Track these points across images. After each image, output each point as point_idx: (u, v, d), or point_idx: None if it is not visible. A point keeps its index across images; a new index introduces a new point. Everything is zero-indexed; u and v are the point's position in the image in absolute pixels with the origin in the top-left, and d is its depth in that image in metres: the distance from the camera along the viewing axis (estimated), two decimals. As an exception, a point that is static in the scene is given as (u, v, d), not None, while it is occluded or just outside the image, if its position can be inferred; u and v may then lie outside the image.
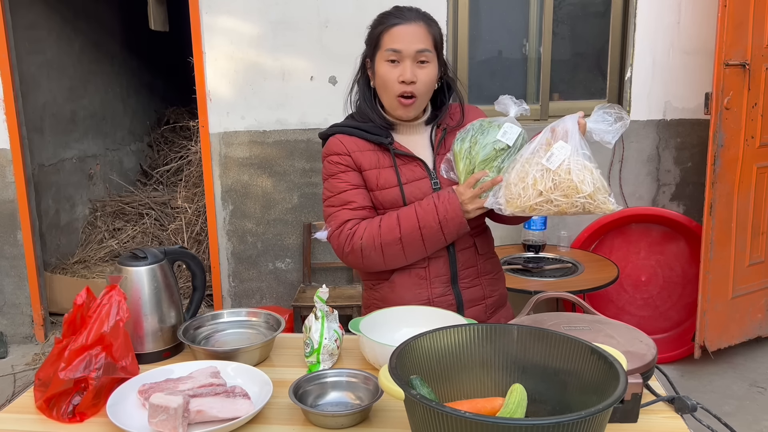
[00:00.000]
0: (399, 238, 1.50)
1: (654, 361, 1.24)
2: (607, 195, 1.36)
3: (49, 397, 1.25)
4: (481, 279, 1.66)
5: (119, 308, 1.31)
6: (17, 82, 3.67)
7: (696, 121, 3.43)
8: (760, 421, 2.83)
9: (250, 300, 3.77)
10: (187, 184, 4.84)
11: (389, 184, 1.57)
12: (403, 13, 1.53)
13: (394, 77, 1.51)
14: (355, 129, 1.59)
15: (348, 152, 1.57)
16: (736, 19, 2.91)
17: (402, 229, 1.50)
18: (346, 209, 1.56)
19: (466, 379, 1.15)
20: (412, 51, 1.49)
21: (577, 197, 1.34)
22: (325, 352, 1.40)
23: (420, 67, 1.51)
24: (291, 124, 3.57)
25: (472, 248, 1.63)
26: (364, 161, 1.57)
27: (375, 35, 1.55)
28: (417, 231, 1.49)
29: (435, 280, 1.61)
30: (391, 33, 1.51)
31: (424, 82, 1.52)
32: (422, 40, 1.50)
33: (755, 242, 3.29)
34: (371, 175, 1.57)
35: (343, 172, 1.58)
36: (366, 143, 1.58)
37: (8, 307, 3.87)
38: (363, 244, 1.52)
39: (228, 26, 3.47)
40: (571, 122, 1.40)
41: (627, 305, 3.55)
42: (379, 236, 1.51)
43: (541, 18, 3.54)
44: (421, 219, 1.49)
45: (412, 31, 1.50)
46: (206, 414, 1.17)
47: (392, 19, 1.52)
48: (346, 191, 1.57)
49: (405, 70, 1.50)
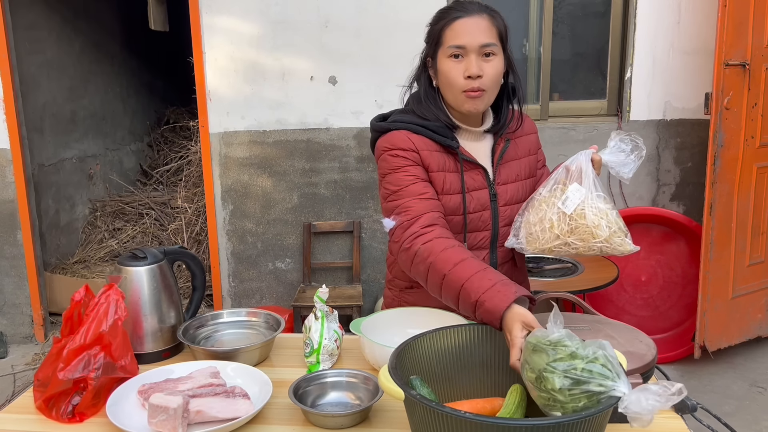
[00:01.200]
0: (444, 275, 1.33)
1: (654, 361, 1.23)
2: (624, 236, 1.34)
3: (48, 397, 1.25)
4: None
5: (117, 307, 1.31)
6: (17, 82, 3.67)
7: (696, 121, 3.43)
8: (760, 421, 2.83)
9: (250, 300, 3.77)
10: (187, 184, 4.84)
11: (453, 189, 1.49)
12: (465, 7, 1.44)
13: (459, 73, 1.43)
14: (423, 128, 1.48)
15: (416, 149, 1.46)
16: (736, 19, 2.91)
17: (452, 273, 1.31)
18: (418, 199, 1.43)
19: (466, 379, 1.15)
20: (476, 45, 1.41)
21: (594, 242, 1.33)
22: (324, 353, 1.40)
23: (485, 60, 1.42)
24: (291, 124, 3.57)
25: (511, 262, 1.62)
26: (432, 162, 1.47)
27: (436, 31, 1.46)
28: (458, 286, 1.29)
29: None
30: (454, 27, 1.42)
31: (490, 75, 1.43)
32: (486, 33, 1.42)
33: (755, 242, 3.29)
34: (438, 178, 1.47)
35: (412, 166, 1.46)
36: (433, 144, 1.48)
37: (8, 307, 3.87)
38: (420, 251, 1.37)
39: (228, 26, 3.46)
40: (585, 160, 1.36)
41: (627, 305, 3.55)
42: (437, 257, 1.34)
43: (541, 18, 3.54)
44: (471, 281, 1.27)
45: (475, 24, 1.42)
46: (206, 414, 1.17)
47: (453, 13, 1.44)
48: (414, 183, 1.45)
49: (470, 65, 1.41)
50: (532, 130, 1.64)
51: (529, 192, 1.57)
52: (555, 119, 3.57)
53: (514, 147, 1.57)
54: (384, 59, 3.44)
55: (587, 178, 1.35)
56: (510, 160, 1.56)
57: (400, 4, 3.38)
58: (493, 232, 1.54)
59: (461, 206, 1.49)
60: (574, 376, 0.90)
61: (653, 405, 0.86)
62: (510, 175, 1.55)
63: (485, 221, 1.52)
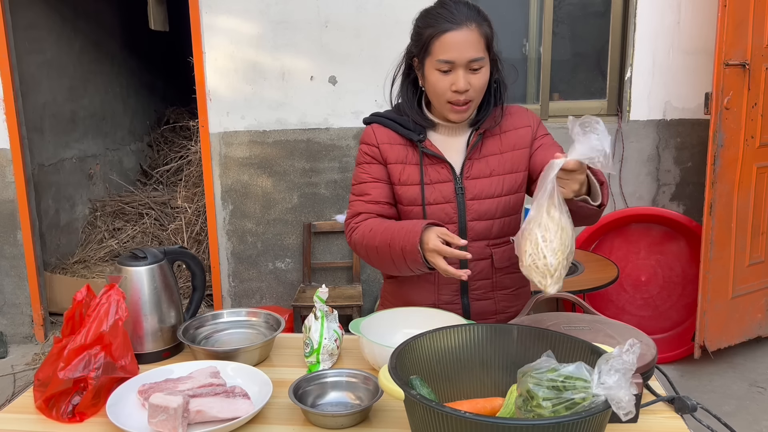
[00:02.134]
0: (375, 247, 1.48)
1: (654, 361, 1.23)
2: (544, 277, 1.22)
3: (48, 397, 1.25)
4: (496, 293, 1.60)
5: (118, 307, 1.31)
6: (17, 82, 3.67)
7: (696, 121, 3.43)
8: (760, 421, 2.83)
9: (250, 300, 3.77)
10: (187, 184, 4.84)
11: (411, 181, 1.55)
12: (454, 15, 1.42)
13: (446, 85, 1.45)
14: (391, 121, 1.57)
15: (377, 143, 1.57)
16: (736, 19, 2.91)
17: (379, 240, 1.47)
18: (361, 201, 1.58)
19: (466, 379, 1.15)
20: (464, 60, 1.43)
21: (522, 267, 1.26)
22: (324, 352, 1.40)
23: (473, 73, 1.45)
24: (291, 124, 3.57)
25: (488, 260, 1.57)
26: (391, 154, 1.56)
27: (424, 40, 1.46)
28: (387, 247, 1.45)
29: (444, 286, 1.58)
30: (443, 41, 1.42)
31: (477, 87, 1.46)
32: (475, 46, 1.43)
33: (755, 242, 3.29)
34: (395, 169, 1.56)
35: (368, 164, 1.58)
36: (398, 137, 1.57)
37: (8, 307, 3.86)
38: (356, 239, 1.54)
39: (228, 26, 3.46)
40: (544, 175, 1.24)
41: (627, 305, 3.55)
42: (365, 238, 1.51)
43: (541, 18, 3.54)
44: (392, 238, 1.44)
45: (464, 38, 1.42)
46: (206, 414, 1.17)
47: (443, 23, 1.43)
48: (365, 182, 1.58)
49: (458, 80, 1.44)
50: (523, 123, 1.59)
51: (510, 187, 1.55)
52: (555, 119, 3.57)
53: (495, 142, 1.56)
54: (384, 59, 3.41)
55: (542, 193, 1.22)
56: (489, 155, 1.55)
57: (400, 4, 3.38)
58: (460, 225, 1.55)
59: (419, 197, 1.54)
60: (555, 385, 0.92)
61: (622, 380, 0.88)
62: (484, 170, 1.54)
63: (449, 214, 1.54)
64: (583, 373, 0.91)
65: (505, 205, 1.55)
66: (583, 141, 1.21)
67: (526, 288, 1.67)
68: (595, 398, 0.89)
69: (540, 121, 1.63)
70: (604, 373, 0.89)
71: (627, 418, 0.86)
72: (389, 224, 1.49)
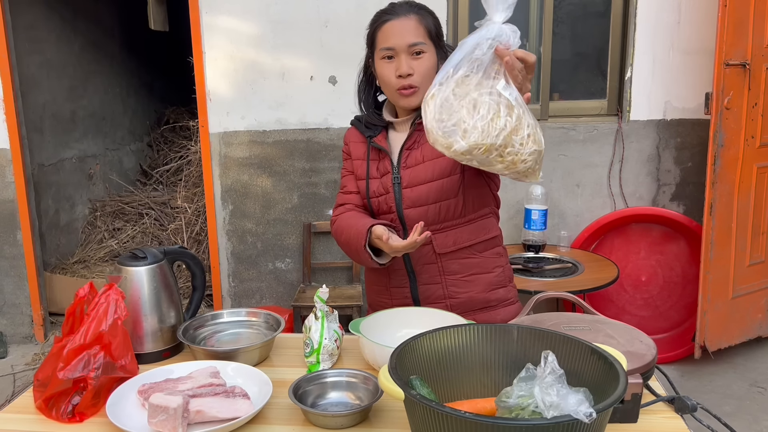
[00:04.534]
0: (346, 241, 1.62)
1: (654, 361, 1.23)
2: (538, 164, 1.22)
3: (48, 397, 1.25)
4: (444, 278, 1.62)
5: (117, 307, 1.31)
6: (17, 82, 3.67)
7: (696, 121, 3.43)
8: (760, 421, 2.83)
9: (249, 300, 3.77)
10: (187, 184, 4.84)
11: (362, 176, 1.68)
12: (395, 9, 1.55)
13: (392, 72, 1.54)
14: (357, 121, 1.73)
15: (347, 142, 1.74)
16: (736, 19, 2.91)
17: (344, 237, 1.62)
18: (341, 193, 1.75)
19: (466, 379, 1.15)
20: (404, 45, 1.51)
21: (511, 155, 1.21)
22: (324, 352, 1.40)
23: (415, 58, 1.52)
24: (291, 124, 3.56)
25: (428, 245, 1.60)
26: (354, 151, 1.71)
27: (370, 35, 1.60)
28: (347, 246, 1.61)
29: (393, 271, 1.66)
30: (383, 30, 1.54)
31: (420, 72, 1.53)
32: (414, 32, 1.52)
33: (755, 242, 3.29)
34: (357, 165, 1.70)
35: (345, 159, 1.75)
36: (361, 135, 1.71)
37: (8, 307, 3.86)
38: (333, 231, 1.69)
39: (228, 26, 3.46)
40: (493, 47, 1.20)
41: (627, 305, 3.55)
42: (336, 234, 1.67)
43: (541, 18, 3.54)
44: (348, 238, 1.59)
45: (402, 25, 1.52)
46: (206, 414, 1.17)
47: (383, 16, 1.55)
48: (344, 176, 1.75)
49: (400, 64, 1.52)
50: None
51: (442, 170, 1.58)
52: (555, 119, 3.57)
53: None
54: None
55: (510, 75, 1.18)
56: (423, 143, 1.59)
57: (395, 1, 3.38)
58: (398, 214, 1.61)
59: (366, 190, 1.67)
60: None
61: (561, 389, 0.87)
62: (418, 158, 1.60)
63: (389, 204, 1.62)
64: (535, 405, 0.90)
65: (438, 189, 1.57)
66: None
67: (484, 275, 1.64)
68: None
69: None
70: (545, 396, 0.88)
71: (590, 419, 0.84)
72: (349, 222, 1.63)
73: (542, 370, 0.91)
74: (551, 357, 0.92)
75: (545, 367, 0.91)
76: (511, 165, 1.24)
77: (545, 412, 0.86)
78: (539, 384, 0.89)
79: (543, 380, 0.90)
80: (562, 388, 0.88)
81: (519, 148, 1.22)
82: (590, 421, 0.83)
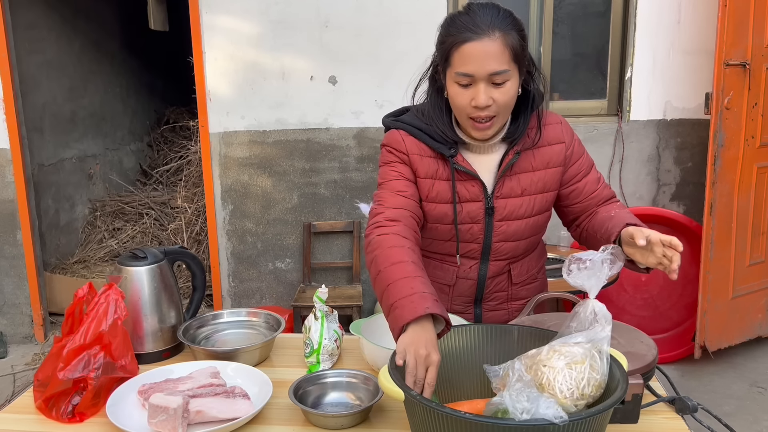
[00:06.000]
0: (379, 271, 1.27)
1: (654, 361, 1.23)
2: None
3: (48, 397, 1.25)
4: (510, 305, 1.58)
5: (117, 306, 1.31)
6: (17, 82, 3.67)
7: (696, 121, 3.43)
8: (760, 421, 2.82)
9: (250, 300, 3.77)
10: (187, 184, 4.84)
11: (442, 198, 1.44)
12: (477, 24, 1.28)
13: (467, 100, 1.32)
14: (421, 132, 1.43)
15: (407, 152, 1.44)
16: (736, 19, 2.90)
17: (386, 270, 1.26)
18: (395, 194, 1.42)
19: (466, 379, 1.15)
20: (484, 74, 1.29)
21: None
22: (324, 353, 1.40)
23: (496, 87, 1.30)
24: (291, 124, 3.56)
25: (505, 275, 1.54)
26: (421, 167, 1.43)
27: (445, 49, 1.33)
28: (386, 284, 1.23)
29: (457, 297, 1.56)
30: (462, 52, 1.29)
31: (501, 103, 1.32)
32: (497, 58, 1.28)
33: (755, 242, 3.29)
34: (425, 184, 1.44)
35: (400, 163, 1.45)
36: (428, 149, 1.43)
37: (8, 307, 3.86)
38: (374, 241, 1.33)
39: (228, 26, 3.46)
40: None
41: (627, 305, 3.55)
42: (379, 251, 1.30)
43: (541, 18, 3.54)
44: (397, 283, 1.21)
45: (485, 49, 1.27)
46: (206, 414, 1.17)
47: (463, 31, 1.29)
48: (397, 180, 1.44)
49: (478, 95, 1.30)
50: (557, 140, 1.47)
51: (540, 207, 1.46)
52: (555, 119, 3.57)
53: (528, 158, 1.44)
54: (384, 59, 3.44)
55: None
56: (521, 173, 1.44)
57: (400, 4, 3.38)
58: (485, 245, 1.48)
59: (449, 215, 1.44)
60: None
61: (531, 392, 0.88)
62: (515, 189, 1.44)
63: (474, 234, 1.46)
64: (512, 413, 0.89)
65: (533, 225, 1.48)
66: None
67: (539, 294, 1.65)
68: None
69: (574, 137, 1.51)
70: (516, 402, 0.88)
71: (561, 421, 0.85)
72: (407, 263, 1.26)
73: (511, 378, 0.93)
74: (518, 364, 0.94)
75: (513, 374, 0.93)
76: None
77: (518, 417, 0.87)
78: (509, 391, 0.90)
79: (512, 387, 0.91)
80: (532, 393, 0.89)
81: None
82: (561, 423, 0.84)
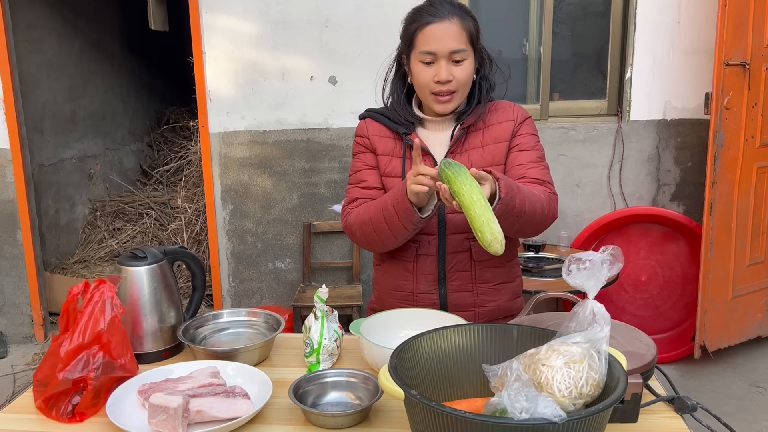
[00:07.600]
0: (370, 218, 1.53)
1: (654, 361, 1.23)
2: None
3: (48, 397, 1.24)
4: (476, 286, 1.62)
5: (112, 303, 1.31)
6: (17, 82, 3.67)
7: (696, 121, 3.43)
8: (760, 421, 2.83)
9: (250, 300, 3.77)
10: (187, 184, 4.84)
11: (395, 173, 1.60)
12: (437, 9, 1.49)
13: (429, 77, 1.51)
14: (381, 115, 1.65)
15: (368, 135, 1.64)
16: (736, 19, 2.91)
17: (373, 210, 1.52)
18: (358, 187, 1.64)
19: (466, 379, 1.15)
20: (446, 51, 1.48)
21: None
22: (324, 352, 1.40)
23: (455, 65, 1.50)
24: (291, 124, 3.56)
25: (466, 252, 1.59)
26: (379, 146, 1.63)
27: (409, 33, 1.54)
28: (381, 212, 1.49)
29: (421, 276, 1.61)
30: (425, 33, 1.49)
31: (460, 79, 1.51)
32: (456, 38, 1.48)
33: (755, 242, 3.29)
34: (383, 161, 1.62)
35: (362, 153, 1.66)
36: (387, 130, 1.63)
37: (8, 307, 3.86)
38: (351, 220, 1.59)
39: (228, 26, 3.46)
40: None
41: (627, 305, 3.55)
42: (360, 215, 1.56)
43: (541, 18, 3.54)
44: (385, 201, 1.49)
45: (445, 30, 1.48)
46: (206, 414, 1.17)
47: (425, 16, 1.50)
48: (361, 171, 1.65)
49: (440, 71, 1.49)
50: (507, 117, 1.60)
51: None
52: (555, 119, 3.57)
53: (478, 136, 1.59)
54: (384, 59, 3.43)
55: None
56: (471, 149, 1.58)
57: (400, 4, 3.36)
58: (439, 218, 1.57)
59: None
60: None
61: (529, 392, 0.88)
62: (464, 163, 1.51)
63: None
64: (511, 413, 0.89)
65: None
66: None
67: (509, 284, 1.66)
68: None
69: (526, 117, 1.63)
70: (514, 401, 0.88)
71: (560, 420, 0.84)
72: (369, 204, 1.56)
73: (509, 378, 0.93)
74: (516, 364, 0.95)
75: (511, 374, 0.93)
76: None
77: (516, 417, 0.87)
78: (507, 391, 0.90)
79: (511, 387, 0.91)
80: (531, 392, 0.89)
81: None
82: (561, 421, 0.84)
